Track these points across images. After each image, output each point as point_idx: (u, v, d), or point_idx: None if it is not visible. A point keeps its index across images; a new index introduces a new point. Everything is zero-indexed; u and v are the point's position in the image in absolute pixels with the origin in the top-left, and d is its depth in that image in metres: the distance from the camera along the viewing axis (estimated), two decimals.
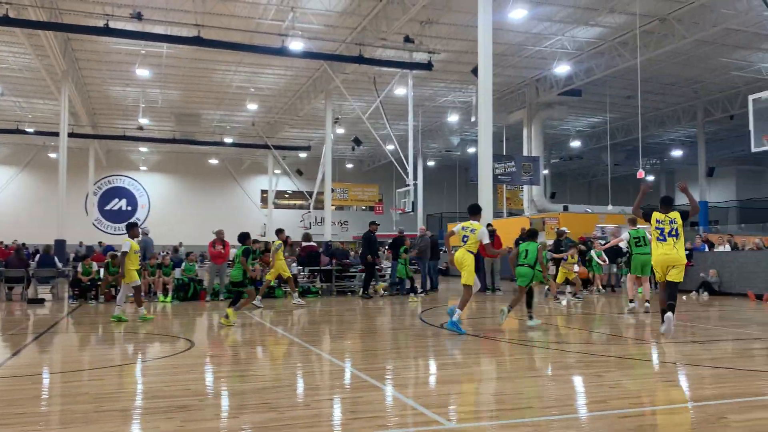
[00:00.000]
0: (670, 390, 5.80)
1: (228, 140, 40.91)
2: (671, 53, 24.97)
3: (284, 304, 15.02)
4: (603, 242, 17.58)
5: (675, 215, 8.98)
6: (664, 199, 9.32)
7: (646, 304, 12.18)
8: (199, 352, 7.99)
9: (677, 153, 46.39)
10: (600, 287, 17.50)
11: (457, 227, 9.85)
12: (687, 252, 17.70)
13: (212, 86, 31.13)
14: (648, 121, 36.56)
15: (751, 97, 14.83)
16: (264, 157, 46.53)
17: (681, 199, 12.79)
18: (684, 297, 16.38)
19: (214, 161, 48.74)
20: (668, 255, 8.80)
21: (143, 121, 34.71)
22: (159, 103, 33.80)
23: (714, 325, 10.26)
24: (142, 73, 27.06)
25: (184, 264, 16.56)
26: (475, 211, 9.91)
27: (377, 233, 17.57)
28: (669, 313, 8.61)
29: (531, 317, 10.23)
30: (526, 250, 10.35)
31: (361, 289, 16.78)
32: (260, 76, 29.57)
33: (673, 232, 8.88)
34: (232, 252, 19.58)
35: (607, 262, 17.71)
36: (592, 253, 17.25)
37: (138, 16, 19.46)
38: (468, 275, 9.44)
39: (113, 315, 11.41)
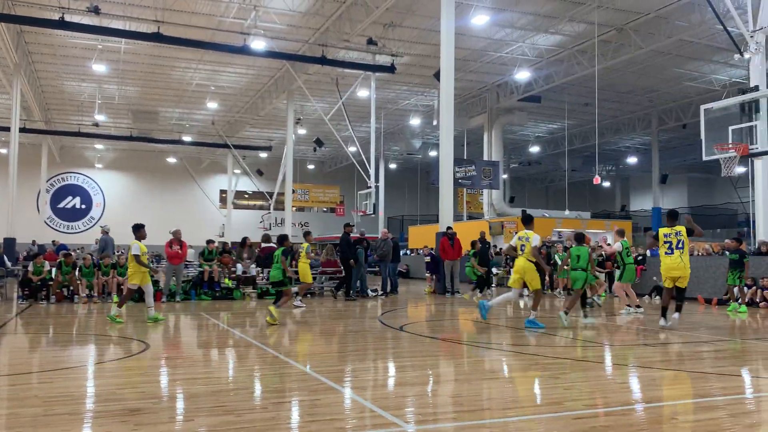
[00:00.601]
0: (622, 391, 5.94)
1: (187, 139, 40.27)
2: (628, 62, 25.63)
3: (242, 305, 14.85)
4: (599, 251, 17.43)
5: (680, 228, 9.92)
6: (670, 213, 10.33)
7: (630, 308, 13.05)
8: (154, 355, 7.83)
9: (632, 160, 47.59)
10: (561, 291, 17.85)
11: (514, 239, 10.58)
12: (641, 257, 18.28)
13: (171, 83, 30.61)
14: (604, 128, 37.42)
15: (702, 107, 15.27)
16: (223, 156, 45.94)
17: (638, 206, 13.20)
18: (637, 300, 16.79)
19: (172, 160, 47.91)
20: (676, 267, 9.93)
21: (99, 117, 33.90)
22: (116, 99, 33.07)
23: (665, 329, 10.53)
24: (99, 68, 26.45)
25: None
26: (528, 221, 10.58)
27: (336, 235, 17.59)
28: (676, 314, 10.09)
29: (586, 316, 10.99)
30: (578, 255, 10.96)
31: (344, 292, 16.76)
32: (221, 74, 29.21)
33: (680, 245, 9.86)
34: (190, 252, 19.30)
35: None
36: (557, 257, 17.62)
37: (95, 10, 19.01)
38: (535, 282, 10.28)
39: (149, 317, 11.12)
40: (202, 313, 13.00)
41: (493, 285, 21.54)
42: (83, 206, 47.28)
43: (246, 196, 50.99)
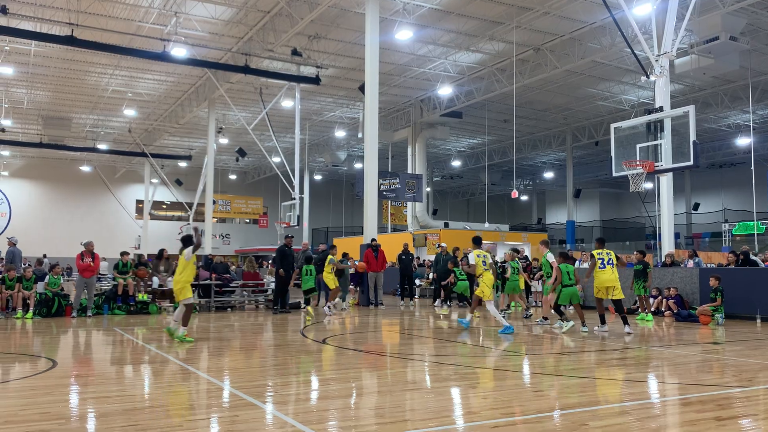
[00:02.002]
0: (537, 399, 6.12)
1: (102, 146, 38.67)
2: (544, 81, 26.70)
3: (158, 320, 14.34)
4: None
5: (610, 251, 11.86)
6: (600, 239, 12.41)
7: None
8: (62, 372, 7.43)
9: (548, 175, 49.45)
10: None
11: (472, 258, 11.81)
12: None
13: (86, 89, 29.38)
14: (522, 144, 38.74)
15: (612, 126, 16.05)
16: (140, 165, 44.37)
17: (553, 219, 13.73)
18: (552, 311, 17.38)
19: (85, 168, 45.87)
20: (609, 279, 11.59)
21: (5, 122, 32.08)
22: (25, 104, 31.42)
23: (578, 337, 10.97)
24: (5, 70, 25.08)
25: (48, 277, 15.36)
26: (477, 242, 12.27)
27: (259, 247, 17.27)
28: (626, 327, 11.47)
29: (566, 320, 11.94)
30: (568, 272, 11.79)
31: (274, 305, 16.34)
32: (139, 80, 28.29)
33: (610, 262, 11.63)
34: (102, 265, 18.50)
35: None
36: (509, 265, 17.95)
37: (2, 10, 18.03)
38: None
39: (177, 336, 10.18)
40: (116, 328, 12.46)
41: (416, 296, 21.79)
42: None
43: (164, 206, 49.45)
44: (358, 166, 40.38)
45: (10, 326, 12.67)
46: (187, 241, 10.72)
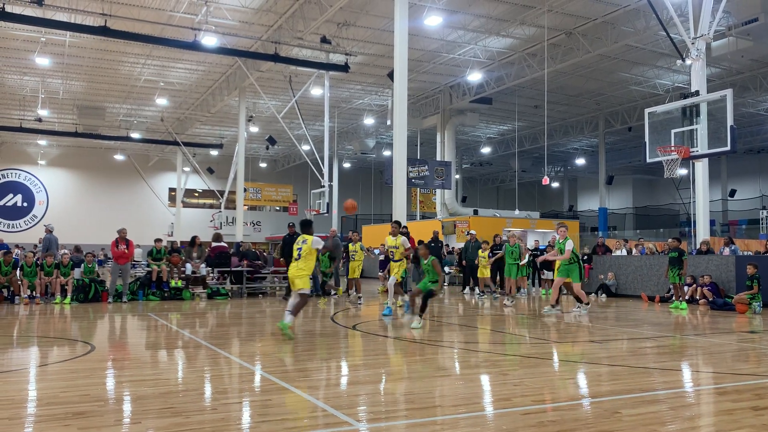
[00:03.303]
0: (569, 387, 6.08)
1: (135, 135, 39.27)
2: (576, 66, 26.24)
3: (191, 306, 14.60)
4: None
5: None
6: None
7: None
8: (100, 356, 7.62)
9: (580, 161, 48.74)
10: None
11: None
12: (586, 256, 18.75)
13: (119, 79, 29.82)
14: (553, 130, 38.23)
15: (647, 111, 15.77)
16: (173, 153, 44.98)
17: (585, 206, 13.52)
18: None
19: (119, 157, 46.67)
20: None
21: (42, 112, 32.74)
22: (60, 94, 32.02)
23: (610, 325, 10.85)
24: (42, 61, 25.56)
25: (83, 265, 15.73)
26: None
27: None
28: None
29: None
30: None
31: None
32: (171, 70, 28.61)
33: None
34: (137, 252, 18.85)
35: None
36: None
37: (38, 2, 18.35)
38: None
39: (281, 324, 9.38)
40: (150, 314, 12.72)
41: (445, 284, 21.78)
42: (25, 204, 45.62)
43: (196, 194, 50.09)
44: (386, 153, 40.34)
45: (49, 311, 13.03)
46: (306, 225, 9.62)
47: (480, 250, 17.34)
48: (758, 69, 27.24)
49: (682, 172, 17.47)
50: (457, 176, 40.56)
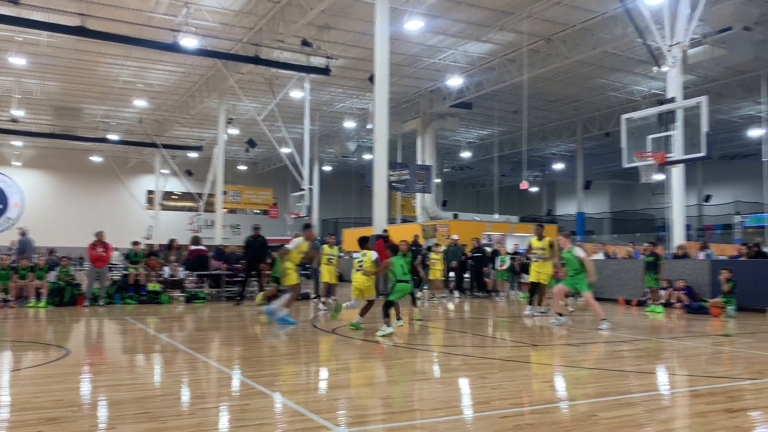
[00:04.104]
0: (546, 390, 6.13)
1: (113, 137, 38.81)
2: (555, 72, 26.50)
3: (169, 310, 14.45)
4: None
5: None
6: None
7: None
8: (75, 361, 7.51)
9: (558, 166, 49.17)
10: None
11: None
12: (563, 260, 18.98)
13: (97, 79, 29.48)
14: (532, 135, 38.50)
15: (624, 117, 15.98)
16: (151, 156, 44.52)
17: (563, 210, 13.57)
18: (560, 302, 17.35)
19: (97, 159, 46.09)
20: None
21: (18, 113, 32.22)
22: (37, 94, 31.56)
23: (588, 328, 10.95)
24: (18, 61, 25.19)
25: (58, 268, 15.50)
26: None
27: (270, 237, 17.13)
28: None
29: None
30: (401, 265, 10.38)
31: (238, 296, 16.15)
32: (150, 71, 28.35)
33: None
34: (114, 255, 18.64)
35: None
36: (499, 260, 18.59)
37: (14, 1, 18.10)
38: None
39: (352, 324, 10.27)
40: (127, 317, 12.57)
41: (425, 287, 21.80)
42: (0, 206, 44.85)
43: (174, 197, 49.62)
44: (367, 157, 40.32)
45: (23, 315, 12.81)
46: (365, 241, 10.85)
47: (432, 252, 17.61)
48: (732, 77, 27.73)
49: (659, 177, 17.72)
50: (438, 180, 40.67)
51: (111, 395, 5.67)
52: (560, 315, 11.43)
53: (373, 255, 10.23)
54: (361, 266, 10.16)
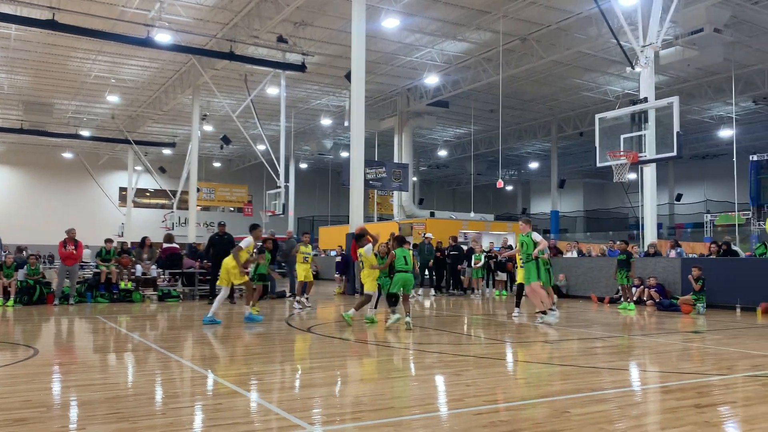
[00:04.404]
0: (520, 387, 6.17)
1: (84, 133, 38.19)
2: (530, 72, 26.71)
3: (141, 308, 14.26)
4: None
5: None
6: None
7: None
8: (44, 361, 7.36)
9: (533, 165, 49.62)
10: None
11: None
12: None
13: (68, 74, 28.96)
14: (508, 134, 38.81)
15: (597, 116, 16.17)
16: (124, 152, 43.90)
17: (537, 209, 13.56)
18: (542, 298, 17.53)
19: (68, 155, 45.33)
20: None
21: None
22: (5, 89, 30.91)
23: (561, 325, 11.05)
24: None
25: (26, 266, 15.18)
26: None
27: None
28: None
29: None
30: (404, 257, 10.53)
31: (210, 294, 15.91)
32: (122, 66, 27.93)
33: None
34: (85, 253, 18.34)
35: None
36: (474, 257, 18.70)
37: None
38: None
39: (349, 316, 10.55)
40: (99, 316, 12.38)
41: None
42: None
43: (147, 194, 49.02)
44: (344, 154, 40.24)
45: None
46: (360, 238, 11.01)
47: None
48: (703, 78, 28.22)
49: (631, 176, 17.99)
50: (414, 178, 40.76)
51: (81, 395, 5.57)
52: (543, 312, 11.28)
53: (367, 251, 10.43)
54: (362, 262, 10.68)
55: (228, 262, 10.81)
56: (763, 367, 7.05)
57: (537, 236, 11.24)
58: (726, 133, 35.06)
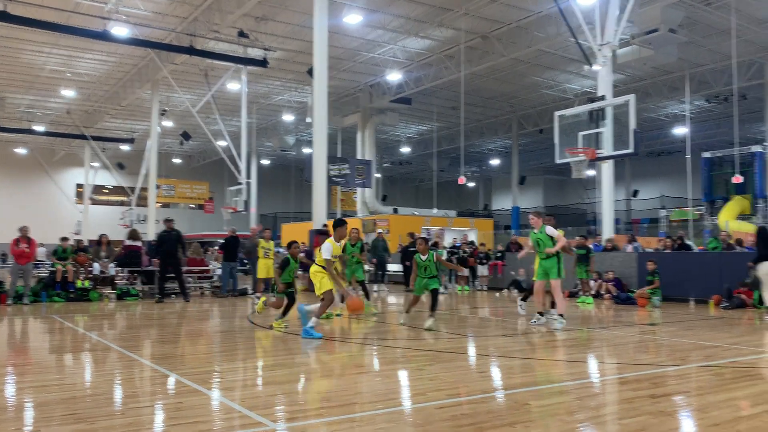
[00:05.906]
0: (482, 380, 6.25)
1: (39, 128, 37.11)
2: (491, 69, 26.98)
3: (99, 307, 13.96)
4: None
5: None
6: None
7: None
8: None
9: (495, 162, 50.14)
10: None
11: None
12: (499, 253, 19.36)
13: (21, 68, 28.10)
14: (470, 131, 39.11)
15: (556, 114, 16.44)
16: (80, 148, 42.81)
17: (499, 205, 13.60)
18: (497, 294, 17.79)
19: (21, 151, 44.04)
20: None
21: None
22: None
23: (522, 320, 11.22)
24: None
25: None
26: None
27: (206, 233, 16.75)
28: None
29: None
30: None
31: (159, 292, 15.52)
32: (78, 60, 27.24)
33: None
34: (40, 251, 17.87)
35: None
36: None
37: None
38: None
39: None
40: (54, 316, 12.07)
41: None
42: None
43: (105, 191, 47.94)
44: (307, 151, 39.99)
45: None
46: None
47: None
48: (659, 76, 28.92)
49: (590, 173, 18.36)
50: (378, 175, 40.76)
51: (36, 396, 5.44)
52: (540, 314, 10.59)
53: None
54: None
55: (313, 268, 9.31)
56: (715, 358, 7.29)
57: (552, 230, 10.33)
58: (680, 130, 36.00)
